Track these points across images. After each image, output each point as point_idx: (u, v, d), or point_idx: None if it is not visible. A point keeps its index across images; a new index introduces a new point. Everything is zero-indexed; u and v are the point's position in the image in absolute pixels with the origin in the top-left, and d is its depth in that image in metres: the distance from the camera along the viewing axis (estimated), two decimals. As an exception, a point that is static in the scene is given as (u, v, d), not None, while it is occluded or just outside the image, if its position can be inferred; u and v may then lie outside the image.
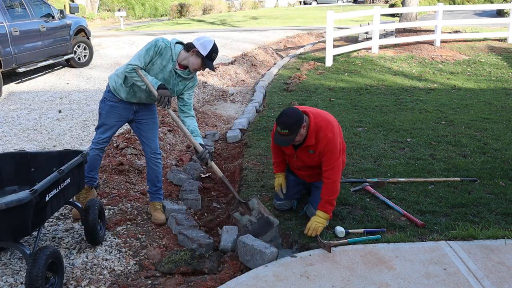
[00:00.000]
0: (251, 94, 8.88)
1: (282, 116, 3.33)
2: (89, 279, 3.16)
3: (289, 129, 3.29)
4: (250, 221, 3.48)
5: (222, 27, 21.47)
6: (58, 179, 3.01)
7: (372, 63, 10.98)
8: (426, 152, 5.16)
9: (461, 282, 2.85)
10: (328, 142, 3.37)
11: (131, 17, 26.78)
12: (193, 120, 3.71)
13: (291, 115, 3.31)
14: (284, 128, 3.29)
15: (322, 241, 3.23)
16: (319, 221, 3.39)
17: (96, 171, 4.02)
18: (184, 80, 3.66)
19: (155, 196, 4.05)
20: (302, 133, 3.35)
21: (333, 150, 3.39)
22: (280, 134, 3.33)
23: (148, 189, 4.11)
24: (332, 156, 3.39)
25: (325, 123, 3.42)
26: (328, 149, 3.38)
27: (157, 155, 3.95)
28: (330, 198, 3.41)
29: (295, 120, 3.29)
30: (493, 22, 16.45)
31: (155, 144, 3.92)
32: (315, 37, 17.27)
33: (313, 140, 3.40)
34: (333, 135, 3.39)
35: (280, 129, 3.31)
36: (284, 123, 3.29)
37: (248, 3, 37.85)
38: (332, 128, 3.41)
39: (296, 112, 3.34)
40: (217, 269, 3.31)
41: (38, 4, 9.80)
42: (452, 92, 8.24)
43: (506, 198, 4.00)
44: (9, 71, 8.92)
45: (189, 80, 3.69)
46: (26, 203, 2.65)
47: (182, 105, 3.73)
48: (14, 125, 6.49)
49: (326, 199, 3.41)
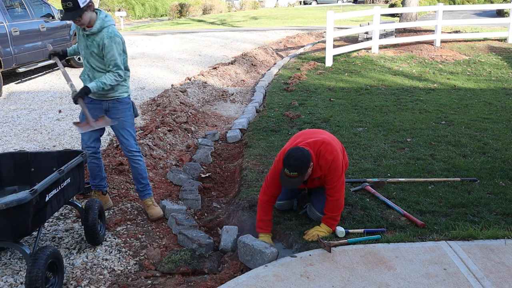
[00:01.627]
0: (251, 94, 8.88)
1: (291, 157, 3.21)
2: (89, 279, 3.16)
3: (298, 171, 3.20)
4: None
5: (222, 27, 21.47)
6: (58, 179, 3.01)
7: (372, 63, 10.98)
8: (426, 152, 5.16)
9: (461, 282, 2.85)
10: (330, 165, 3.34)
11: (131, 17, 26.79)
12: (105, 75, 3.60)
13: (300, 158, 3.21)
14: (293, 170, 3.19)
15: (323, 241, 3.23)
16: (320, 230, 3.40)
17: (99, 179, 4.00)
18: (92, 36, 3.59)
19: (143, 193, 4.03)
20: (309, 172, 3.32)
21: (334, 171, 3.37)
22: (288, 176, 3.22)
23: (135, 188, 4.10)
24: (334, 176, 3.38)
25: (323, 146, 3.36)
26: (330, 170, 3.36)
27: (133, 153, 3.89)
28: (334, 215, 3.43)
29: (304, 162, 3.21)
30: (493, 22, 16.44)
31: (129, 142, 3.86)
32: (315, 37, 17.27)
33: (319, 172, 3.39)
34: (333, 156, 3.34)
35: (288, 172, 3.20)
36: (293, 165, 3.18)
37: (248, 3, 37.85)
38: (330, 149, 3.36)
39: (304, 155, 3.23)
40: (217, 269, 3.31)
41: (38, 4, 9.81)
42: (452, 92, 8.24)
43: (506, 198, 4.00)
44: (9, 71, 8.92)
45: (95, 35, 3.58)
46: (26, 203, 2.65)
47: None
48: (14, 125, 6.49)
49: (329, 215, 3.42)
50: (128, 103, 3.84)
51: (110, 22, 3.61)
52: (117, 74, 3.61)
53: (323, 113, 6.84)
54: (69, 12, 3.43)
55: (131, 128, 3.88)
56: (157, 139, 5.62)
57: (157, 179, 4.82)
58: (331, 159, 3.34)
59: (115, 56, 3.57)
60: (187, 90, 8.06)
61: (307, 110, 7.06)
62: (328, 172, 3.37)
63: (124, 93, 3.80)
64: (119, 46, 3.60)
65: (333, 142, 3.47)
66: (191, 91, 8.11)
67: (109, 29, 3.57)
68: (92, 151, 3.84)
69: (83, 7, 3.43)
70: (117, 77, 3.61)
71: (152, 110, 7.21)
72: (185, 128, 6.30)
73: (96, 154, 3.88)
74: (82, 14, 3.44)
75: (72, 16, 3.43)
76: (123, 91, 3.78)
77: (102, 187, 4.04)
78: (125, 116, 3.83)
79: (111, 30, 3.58)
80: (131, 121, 3.89)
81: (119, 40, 3.60)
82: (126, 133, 3.84)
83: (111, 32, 3.57)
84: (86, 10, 3.46)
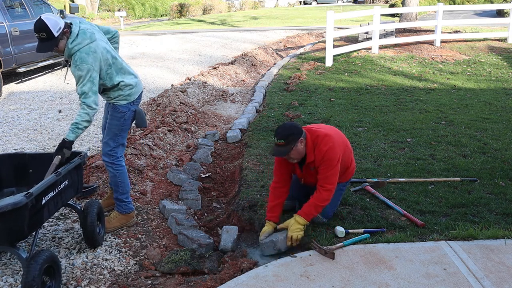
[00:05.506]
0: (251, 94, 8.88)
1: (280, 127, 3.39)
2: (89, 279, 3.16)
3: (285, 139, 3.27)
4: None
5: (222, 27, 21.47)
6: (55, 182, 2.97)
7: (372, 63, 10.98)
8: (426, 152, 5.16)
9: (461, 282, 2.85)
10: (324, 155, 3.35)
11: (131, 17, 26.79)
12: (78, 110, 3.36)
13: (289, 127, 3.36)
14: (280, 138, 3.28)
15: (322, 247, 3.20)
16: (298, 228, 3.34)
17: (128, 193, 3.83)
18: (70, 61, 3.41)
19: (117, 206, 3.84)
20: (300, 149, 3.33)
21: (328, 161, 3.35)
22: (276, 145, 3.32)
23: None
24: (328, 166, 3.35)
25: (321, 138, 3.39)
26: (323, 160, 3.36)
27: (106, 162, 3.68)
28: (320, 204, 3.36)
29: (292, 131, 3.30)
30: (493, 22, 16.45)
31: (103, 149, 3.69)
32: (315, 37, 17.27)
33: (312, 157, 3.39)
34: (328, 147, 3.35)
35: (276, 140, 3.31)
36: (281, 133, 3.30)
37: (248, 3, 37.85)
38: (328, 141, 3.37)
39: (294, 126, 3.38)
40: (217, 269, 3.31)
41: (38, 4, 9.81)
42: (452, 92, 8.24)
43: (506, 198, 4.00)
44: (9, 71, 8.92)
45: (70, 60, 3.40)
46: (22, 207, 2.61)
47: None
48: (14, 125, 6.49)
49: (315, 203, 3.35)
50: (121, 112, 3.62)
51: (79, 46, 3.31)
52: (85, 106, 3.31)
53: (323, 113, 6.84)
54: (43, 43, 3.25)
55: (112, 138, 3.64)
56: (157, 139, 5.62)
57: (157, 179, 4.82)
58: (325, 149, 3.34)
59: (82, 84, 3.29)
60: (187, 90, 8.06)
61: (307, 110, 7.06)
62: (322, 163, 3.36)
63: (121, 101, 3.61)
64: (89, 73, 3.29)
65: (335, 137, 3.46)
66: (191, 91, 8.11)
67: (75, 56, 3.30)
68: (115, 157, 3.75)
69: (58, 35, 3.25)
70: (85, 109, 3.31)
71: (152, 110, 7.20)
72: (185, 128, 6.30)
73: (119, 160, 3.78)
74: (58, 44, 3.29)
75: (48, 47, 3.28)
76: (119, 98, 3.60)
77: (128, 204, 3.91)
78: (111, 123, 3.64)
79: (78, 57, 3.29)
80: (115, 131, 3.64)
81: (89, 66, 3.29)
82: (106, 139, 3.69)
83: (77, 59, 3.29)
84: (61, 38, 3.29)
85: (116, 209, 3.83)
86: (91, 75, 3.31)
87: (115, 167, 3.69)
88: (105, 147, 3.66)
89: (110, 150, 3.65)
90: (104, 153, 3.67)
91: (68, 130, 3.33)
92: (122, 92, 3.60)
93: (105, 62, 3.44)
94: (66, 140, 3.30)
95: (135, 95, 3.67)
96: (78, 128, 3.31)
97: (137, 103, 3.75)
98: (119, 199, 3.78)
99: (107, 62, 3.46)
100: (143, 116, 3.81)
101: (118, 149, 3.69)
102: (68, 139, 3.30)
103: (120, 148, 3.71)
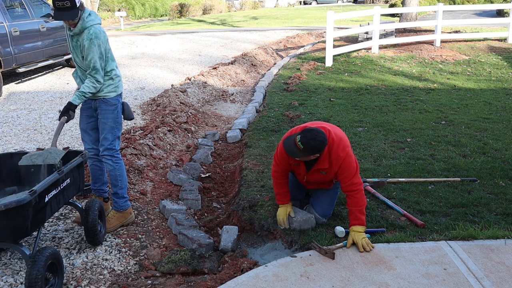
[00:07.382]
0: (251, 94, 8.88)
1: (311, 136, 3.13)
2: (89, 279, 3.16)
3: (307, 148, 3.13)
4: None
5: (222, 27, 21.47)
6: (57, 180, 3.00)
7: (372, 63, 10.98)
8: (426, 152, 5.16)
9: (461, 282, 2.85)
10: (342, 162, 3.28)
11: (131, 17, 26.79)
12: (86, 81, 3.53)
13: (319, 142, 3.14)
14: (304, 145, 3.12)
15: (322, 247, 3.19)
16: (361, 235, 3.25)
17: (100, 183, 3.95)
18: (76, 37, 3.54)
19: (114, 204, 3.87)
20: (311, 157, 3.26)
21: (348, 168, 3.29)
22: (296, 146, 3.15)
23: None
24: (349, 173, 3.30)
25: (336, 143, 3.28)
26: (343, 167, 3.30)
27: (105, 156, 3.74)
28: (362, 207, 3.30)
29: (317, 147, 3.15)
30: (493, 22, 16.43)
31: (102, 145, 3.72)
32: (315, 37, 17.27)
33: (327, 164, 3.31)
34: (345, 153, 3.27)
35: (300, 143, 3.12)
36: (307, 143, 3.11)
37: (248, 3, 37.85)
38: (343, 146, 3.29)
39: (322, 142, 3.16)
40: (217, 269, 3.31)
41: (38, 4, 9.81)
42: (452, 92, 8.24)
43: (506, 198, 4.00)
44: (9, 71, 8.92)
45: (78, 36, 3.52)
46: (25, 204, 2.64)
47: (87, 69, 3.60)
48: (14, 125, 6.49)
49: (357, 209, 3.29)
50: (113, 104, 3.68)
51: (93, 22, 3.47)
52: (95, 80, 3.50)
53: (323, 113, 6.84)
54: (65, 11, 3.33)
55: (110, 131, 3.70)
56: (157, 139, 5.63)
57: (157, 179, 4.82)
58: (342, 156, 3.27)
59: (95, 59, 3.46)
60: (187, 90, 8.06)
61: (307, 110, 7.06)
62: (341, 171, 3.30)
63: (111, 93, 3.66)
64: (99, 49, 3.47)
65: (344, 137, 3.40)
66: (191, 91, 8.12)
67: (90, 30, 3.44)
68: (93, 153, 3.81)
69: (79, 6, 3.38)
70: (94, 83, 3.51)
71: (152, 110, 7.21)
72: (185, 128, 6.30)
73: (97, 156, 3.83)
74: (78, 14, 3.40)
75: (71, 16, 3.35)
76: (109, 90, 3.65)
77: (103, 192, 3.98)
78: (106, 118, 3.68)
79: (92, 31, 3.44)
80: (112, 125, 3.70)
81: (100, 42, 3.46)
82: (104, 134, 3.72)
83: (92, 33, 3.43)
84: (80, 9, 3.42)
85: (113, 208, 3.86)
86: (101, 51, 3.51)
87: (115, 160, 3.78)
88: (105, 142, 3.73)
89: (109, 144, 3.74)
90: (104, 147, 3.74)
91: (74, 95, 3.51)
92: (113, 82, 3.69)
93: (107, 46, 3.62)
94: (72, 104, 3.49)
95: (121, 87, 3.80)
96: (84, 96, 3.52)
97: (122, 96, 3.87)
98: (118, 195, 3.82)
99: (107, 47, 3.62)
100: (130, 108, 3.94)
101: (116, 142, 3.79)
102: (74, 103, 3.49)
103: (117, 141, 3.81)
